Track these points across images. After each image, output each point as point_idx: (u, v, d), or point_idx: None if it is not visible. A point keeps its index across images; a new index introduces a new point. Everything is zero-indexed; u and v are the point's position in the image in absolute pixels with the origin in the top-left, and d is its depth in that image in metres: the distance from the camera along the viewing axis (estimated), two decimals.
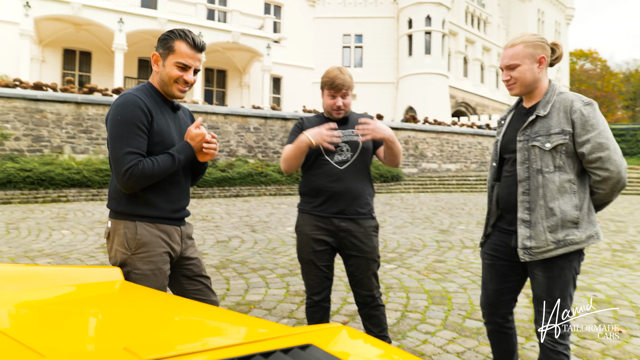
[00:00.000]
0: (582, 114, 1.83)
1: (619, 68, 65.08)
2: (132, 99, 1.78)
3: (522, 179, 1.93)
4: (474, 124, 23.35)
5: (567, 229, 1.87)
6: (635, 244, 6.78)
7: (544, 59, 1.90)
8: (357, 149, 2.41)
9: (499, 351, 2.24)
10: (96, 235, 6.89)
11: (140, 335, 0.91)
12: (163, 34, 1.88)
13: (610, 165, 1.82)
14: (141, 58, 23.71)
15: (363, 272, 2.43)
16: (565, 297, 1.93)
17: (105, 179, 12.38)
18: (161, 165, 1.77)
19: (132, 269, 1.79)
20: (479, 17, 34.85)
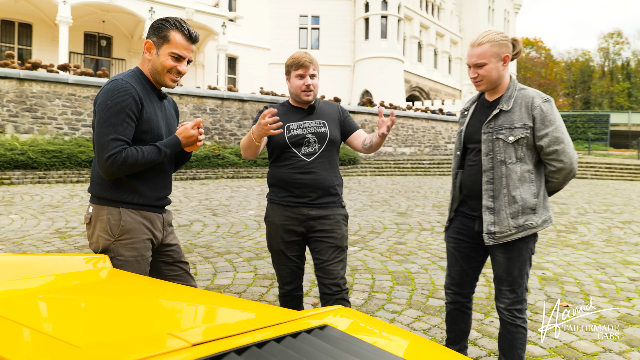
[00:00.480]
0: (542, 110, 1.99)
1: (561, 57, 68.36)
2: (124, 85, 1.76)
3: (486, 169, 2.07)
4: (427, 108, 23.92)
5: (527, 214, 2.04)
6: (577, 224, 7.30)
7: (507, 57, 2.04)
8: (324, 141, 2.38)
9: (455, 330, 2.39)
10: (49, 220, 6.62)
11: (169, 322, 0.94)
12: (157, 22, 1.85)
13: (564, 157, 2.01)
14: (88, 32, 22.52)
15: (329, 259, 2.36)
16: (522, 275, 2.12)
17: (53, 161, 11.81)
18: (145, 156, 1.76)
19: (114, 255, 1.79)
20: (433, 2, 35.41)
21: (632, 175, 18.92)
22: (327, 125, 2.43)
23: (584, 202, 10.24)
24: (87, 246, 5.25)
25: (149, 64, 1.87)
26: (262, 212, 7.82)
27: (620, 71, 62.70)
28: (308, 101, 2.41)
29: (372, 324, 1.11)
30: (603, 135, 33.39)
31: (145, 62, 1.89)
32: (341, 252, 2.39)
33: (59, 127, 13.28)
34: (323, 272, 2.37)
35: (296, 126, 2.40)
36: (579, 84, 63.93)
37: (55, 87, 13.24)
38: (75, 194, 9.43)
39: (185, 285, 1.44)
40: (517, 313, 2.14)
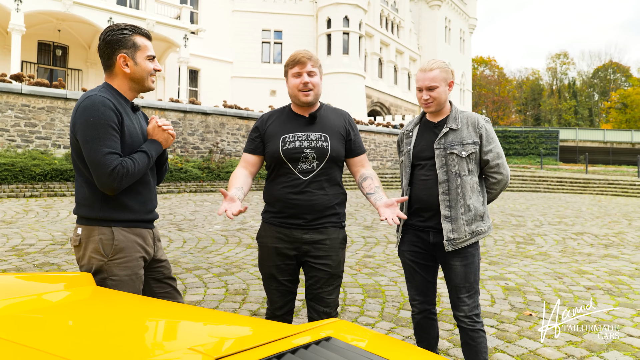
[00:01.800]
0: (486, 129, 2.27)
1: (513, 75, 71.64)
2: (102, 100, 1.74)
3: (442, 181, 2.24)
4: (389, 123, 24.46)
5: (477, 221, 2.26)
6: (534, 236, 7.63)
7: (452, 83, 2.30)
8: (324, 157, 2.13)
9: (426, 338, 2.49)
10: (3, 237, 6.31)
11: (185, 338, 0.95)
12: (114, 36, 1.81)
13: (503, 170, 2.30)
14: (42, 41, 21.75)
15: (323, 287, 2.17)
16: (477, 280, 2.30)
17: (4, 174, 11.26)
18: (140, 163, 1.76)
19: (108, 275, 1.74)
20: (392, 21, 36.42)
21: (581, 188, 19.95)
22: (329, 139, 2.16)
23: (539, 215, 10.71)
24: (47, 263, 5.04)
25: (125, 76, 1.85)
26: (228, 227, 7.75)
27: (567, 90, 66.33)
28: (308, 102, 2.15)
29: (371, 336, 1.16)
30: (553, 151, 35.04)
31: (118, 77, 1.86)
32: (336, 279, 2.19)
33: (11, 139, 12.71)
34: (315, 299, 2.19)
35: (293, 138, 2.14)
36: (529, 102, 67.08)
37: (8, 98, 12.69)
38: (30, 209, 9.02)
39: (178, 302, 1.43)
40: (476, 318, 2.29)
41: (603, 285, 4.66)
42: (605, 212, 11.78)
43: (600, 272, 5.25)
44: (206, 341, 0.91)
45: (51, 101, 13.37)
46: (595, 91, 65.43)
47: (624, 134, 37.84)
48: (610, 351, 3.04)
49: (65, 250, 5.71)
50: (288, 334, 0.99)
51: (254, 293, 4.16)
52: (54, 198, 11.15)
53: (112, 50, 1.82)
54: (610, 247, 6.83)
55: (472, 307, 2.27)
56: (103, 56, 1.85)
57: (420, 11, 40.57)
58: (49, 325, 1.11)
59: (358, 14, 28.90)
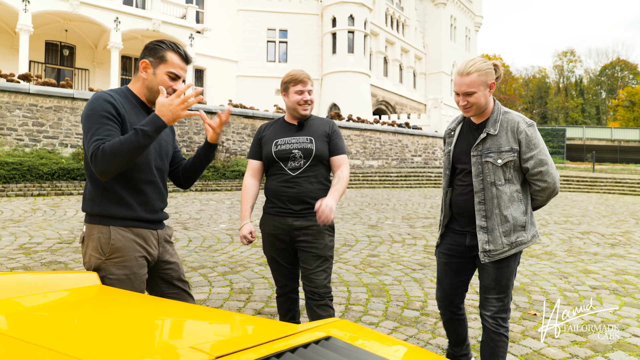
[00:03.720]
0: (527, 135, 2.12)
1: (520, 73, 71.25)
2: (100, 94, 1.80)
3: (477, 190, 2.18)
4: (394, 122, 24.41)
5: (518, 232, 2.16)
6: (540, 235, 7.60)
7: (494, 84, 2.14)
8: (310, 156, 2.50)
9: (454, 336, 2.51)
10: (11, 236, 6.38)
11: (186, 336, 0.97)
12: (152, 43, 1.89)
13: (548, 177, 2.15)
14: (49, 41, 21.91)
15: (312, 268, 2.48)
16: (509, 285, 2.24)
17: (12, 173, 11.37)
18: (123, 140, 1.67)
19: (106, 274, 1.77)
20: (398, 19, 36.34)
21: (588, 187, 19.84)
22: (314, 141, 2.52)
23: (545, 214, 10.66)
24: (54, 262, 5.10)
25: (143, 82, 1.89)
26: (233, 226, 7.78)
27: (574, 88, 65.89)
28: (305, 115, 2.55)
29: (371, 335, 1.17)
30: (560, 149, 34.87)
31: (139, 81, 1.91)
32: (324, 262, 2.49)
33: (19, 139, 12.83)
34: (307, 280, 2.50)
35: (284, 142, 2.53)
36: (536, 100, 66.71)
37: (16, 97, 12.81)
38: (38, 208, 9.11)
39: (178, 301, 1.45)
40: (502, 322, 2.24)
41: (609, 285, 4.64)
42: (612, 211, 11.71)
43: (606, 271, 5.22)
44: (207, 340, 0.92)
45: (58, 101, 13.47)
46: (603, 89, 64.94)
47: (631, 132, 37.55)
48: (615, 351, 3.03)
49: (72, 248, 5.76)
50: (288, 333, 1.01)
51: (258, 292, 4.18)
52: (62, 197, 11.24)
53: (143, 54, 1.90)
54: (616, 247, 6.79)
55: (500, 310, 2.23)
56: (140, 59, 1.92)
57: (425, 9, 40.44)
58: (52, 323, 1.13)
59: (363, 13, 28.86)
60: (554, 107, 64.32)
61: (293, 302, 2.69)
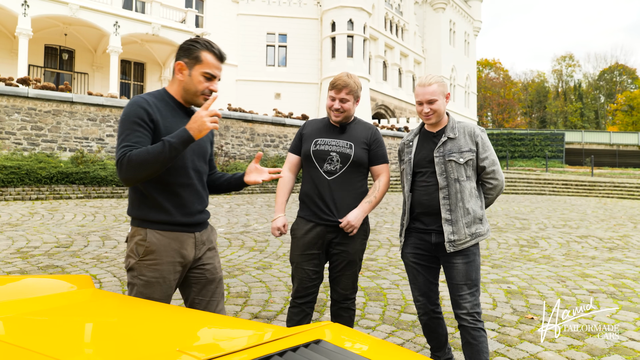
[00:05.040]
0: (482, 138, 2.41)
1: (519, 78, 71.41)
2: (136, 99, 1.82)
3: (442, 187, 2.38)
4: (393, 126, 24.45)
5: (477, 224, 2.39)
6: (538, 239, 7.60)
7: (449, 95, 2.45)
8: (347, 162, 2.49)
9: (435, 338, 2.59)
10: (8, 240, 6.36)
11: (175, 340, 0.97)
12: (186, 43, 1.88)
13: (499, 176, 2.44)
14: (48, 45, 21.94)
15: (341, 271, 2.53)
16: (478, 279, 2.41)
17: (10, 177, 11.36)
18: (150, 150, 1.69)
19: (138, 274, 1.82)
20: (397, 23, 36.43)
21: (587, 191, 19.85)
22: (353, 147, 2.51)
23: (543, 218, 10.67)
24: (51, 266, 5.09)
25: (180, 84, 1.89)
26: (231, 230, 7.77)
27: (573, 92, 66.03)
28: (336, 122, 2.53)
29: (361, 339, 1.17)
30: (559, 153, 34.89)
31: (175, 83, 1.91)
32: (353, 265, 2.55)
33: (18, 142, 12.83)
34: (335, 281, 2.58)
35: (324, 142, 2.53)
36: (535, 104, 66.83)
37: (15, 101, 12.82)
38: (36, 212, 9.10)
39: (167, 305, 1.45)
40: (478, 316, 2.37)
41: (606, 289, 4.63)
42: (611, 215, 11.71)
43: (604, 275, 5.22)
44: (195, 343, 0.92)
45: (57, 105, 13.48)
46: (602, 93, 65.08)
47: (630, 137, 37.58)
48: (612, 355, 3.03)
49: (69, 252, 5.75)
50: (279, 337, 1.00)
51: (255, 296, 4.17)
52: (60, 201, 11.23)
53: (178, 56, 1.89)
54: (614, 251, 6.79)
55: (474, 305, 2.35)
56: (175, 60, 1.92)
57: (424, 14, 40.54)
58: (41, 326, 1.13)
59: (362, 17, 28.93)
60: (553, 111, 64.43)
61: (305, 316, 2.59)
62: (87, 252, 5.82)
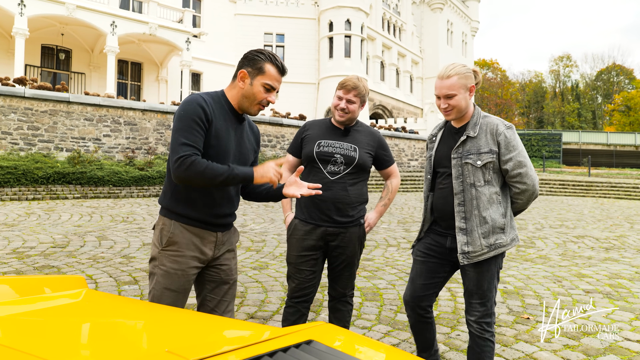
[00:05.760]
0: (506, 137, 2.14)
1: (516, 78, 71.50)
2: (196, 98, 1.85)
3: (457, 192, 2.19)
4: (390, 126, 24.45)
5: (497, 234, 2.16)
6: (535, 239, 7.61)
7: (473, 88, 2.19)
8: (351, 164, 2.48)
9: (421, 339, 2.47)
10: (4, 240, 6.34)
11: (164, 341, 0.96)
12: (252, 54, 1.92)
13: (527, 179, 2.15)
14: (45, 45, 21.87)
15: (340, 272, 2.58)
16: (491, 289, 2.22)
17: (7, 177, 11.32)
18: (214, 168, 1.74)
19: (159, 263, 1.87)
20: (394, 24, 36.46)
21: (584, 191, 19.90)
22: (357, 150, 2.51)
23: (540, 218, 10.69)
24: (47, 266, 5.07)
25: (239, 91, 1.92)
26: None
27: (570, 92, 66.18)
28: (341, 122, 2.53)
29: (353, 339, 1.16)
30: (556, 153, 34.99)
31: (235, 89, 1.94)
32: (351, 267, 2.59)
33: (14, 142, 12.79)
34: (333, 280, 2.63)
35: (327, 144, 2.52)
36: (532, 104, 66.95)
37: (11, 101, 12.78)
38: (32, 212, 9.06)
39: (162, 305, 1.44)
40: (486, 326, 2.23)
41: (602, 289, 4.64)
42: (608, 215, 11.74)
43: (600, 275, 5.23)
44: (184, 343, 0.92)
45: (54, 104, 13.44)
46: (599, 94, 65.24)
47: (627, 137, 37.71)
48: (608, 355, 3.03)
49: (65, 253, 5.73)
50: (270, 337, 1.00)
51: (251, 296, 4.16)
52: (56, 201, 11.20)
53: (242, 64, 1.93)
54: (611, 251, 6.81)
55: (484, 315, 2.22)
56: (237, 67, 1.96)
57: (422, 14, 40.59)
58: (30, 327, 1.12)
59: (360, 17, 28.94)
60: (551, 111, 64.56)
61: (301, 316, 2.60)
62: (83, 252, 5.80)
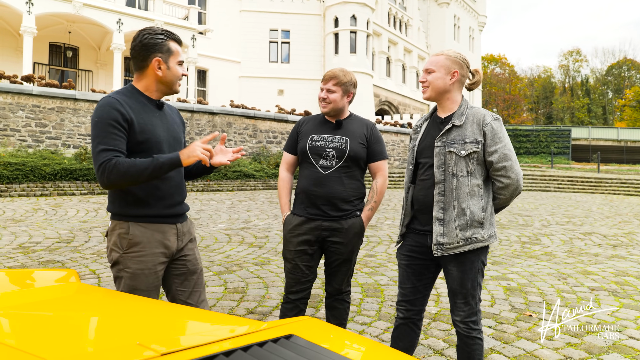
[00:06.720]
0: (493, 127, 2.08)
1: (525, 73, 70.92)
2: (109, 101, 1.82)
3: (438, 181, 2.12)
4: (397, 122, 24.37)
5: (474, 228, 2.09)
6: (541, 236, 7.54)
7: (456, 73, 2.13)
8: (343, 157, 2.46)
9: (399, 346, 2.31)
10: (11, 235, 6.40)
11: (138, 334, 0.95)
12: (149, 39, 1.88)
13: (512, 173, 2.08)
14: (53, 43, 22.01)
15: (337, 267, 2.56)
16: (475, 287, 2.15)
17: (15, 174, 11.42)
18: (137, 164, 1.74)
19: (123, 267, 1.85)
20: (400, 19, 36.26)
21: (593, 187, 19.70)
22: (349, 142, 2.49)
23: (547, 214, 10.59)
24: (52, 261, 5.10)
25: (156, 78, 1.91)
26: (232, 226, 7.77)
27: (580, 88, 65.51)
28: (325, 113, 2.54)
29: (338, 334, 1.14)
30: (565, 149, 34.64)
31: (147, 78, 1.92)
32: (347, 263, 2.56)
33: (22, 139, 12.89)
34: (330, 276, 2.62)
35: (319, 138, 2.51)
36: (541, 100, 66.38)
37: (19, 99, 12.88)
38: (39, 208, 9.14)
39: (151, 299, 1.44)
40: (473, 325, 2.17)
41: (608, 287, 4.58)
42: (616, 212, 11.61)
43: (606, 272, 5.17)
44: (159, 337, 0.90)
45: (61, 102, 13.53)
46: (609, 89, 64.52)
47: (638, 132, 37.25)
48: (611, 353, 2.99)
49: (70, 248, 5.77)
50: (250, 331, 0.98)
51: (252, 291, 4.16)
52: (64, 197, 11.28)
53: (147, 52, 1.88)
54: (618, 248, 6.73)
55: (469, 314, 2.16)
56: (137, 57, 1.91)
57: (428, 9, 40.34)
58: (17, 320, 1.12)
59: (365, 13, 28.81)
60: (560, 107, 63.97)
61: (299, 312, 2.58)
62: (88, 247, 5.84)
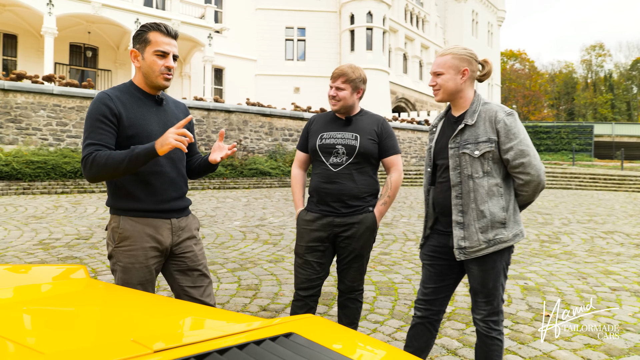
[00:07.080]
0: (505, 124, 1.99)
1: (545, 69, 69.59)
2: (100, 96, 1.85)
3: (454, 184, 2.07)
4: (413, 119, 24.17)
5: (496, 229, 2.02)
6: (560, 235, 7.38)
7: (467, 71, 2.05)
8: (353, 153, 2.45)
9: (414, 346, 2.28)
10: (32, 232, 6.53)
11: (134, 329, 0.94)
12: (136, 31, 1.92)
13: (531, 169, 1.99)
14: (73, 43, 22.38)
15: (348, 264, 2.54)
16: (497, 287, 2.10)
17: (37, 172, 11.66)
18: (114, 156, 1.74)
19: (116, 260, 1.88)
20: (417, 15, 35.91)
21: (616, 185, 19.24)
22: (359, 138, 2.47)
23: (567, 213, 10.38)
24: (70, 257, 5.19)
25: (139, 71, 1.94)
26: (247, 223, 7.80)
27: (603, 83, 64.01)
28: (336, 111, 2.54)
29: (341, 333, 1.12)
30: (587, 146, 33.91)
31: (137, 72, 1.96)
32: (359, 259, 2.54)
33: (44, 138, 13.15)
34: (342, 274, 2.60)
35: (329, 135, 2.51)
36: (562, 96, 65.06)
37: (40, 98, 13.13)
38: (60, 205, 9.31)
39: (156, 295, 1.43)
40: (493, 325, 2.13)
41: (630, 287, 4.46)
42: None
43: (628, 272, 5.03)
44: (154, 333, 0.89)
45: (80, 101, 13.75)
46: (634, 84, 62.86)
47: None
48: (632, 356, 2.90)
49: (88, 244, 5.86)
50: (247, 329, 0.97)
51: (265, 288, 4.16)
52: (84, 194, 11.48)
53: (133, 45, 1.94)
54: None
55: (490, 313, 2.12)
56: None
57: (446, 4, 39.87)
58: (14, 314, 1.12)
59: (382, 9, 28.61)
60: (582, 103, 62.62)
61: (309, 309, 2.57)
62: (105, 244, 5.92)
